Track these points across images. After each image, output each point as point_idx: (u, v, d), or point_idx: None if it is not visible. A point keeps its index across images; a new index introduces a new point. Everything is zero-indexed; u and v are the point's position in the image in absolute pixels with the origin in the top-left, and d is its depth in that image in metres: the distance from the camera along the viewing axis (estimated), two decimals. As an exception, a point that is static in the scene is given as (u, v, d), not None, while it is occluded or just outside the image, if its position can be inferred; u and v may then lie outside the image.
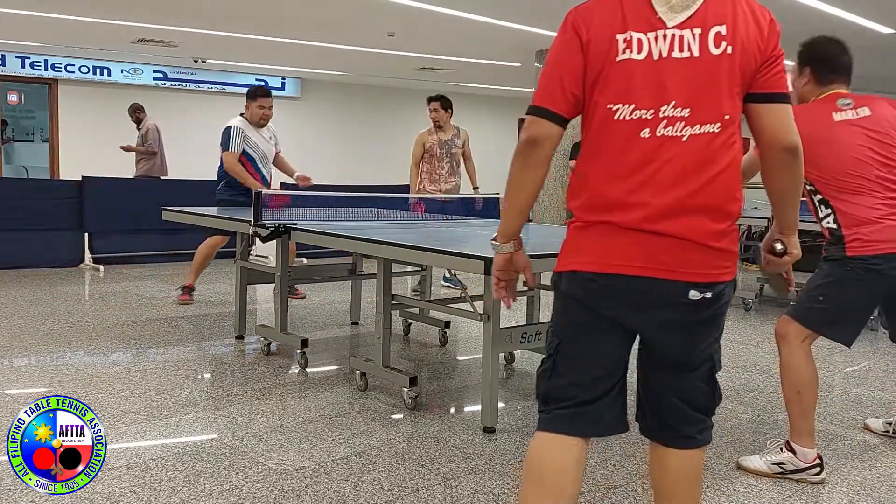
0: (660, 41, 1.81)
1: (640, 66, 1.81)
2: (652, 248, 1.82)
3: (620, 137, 1.83)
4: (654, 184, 1.82)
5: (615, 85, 1.82)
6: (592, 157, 1.91)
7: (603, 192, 1.86)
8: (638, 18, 1.82)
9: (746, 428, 3.67)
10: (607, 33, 1.83)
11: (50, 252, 7.86)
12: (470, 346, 5.12)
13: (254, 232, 4.34)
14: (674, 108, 1.80)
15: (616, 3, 1.85)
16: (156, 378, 4.13)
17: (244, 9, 8.55)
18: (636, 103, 1.81)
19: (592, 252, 1.88)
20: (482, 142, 17.64)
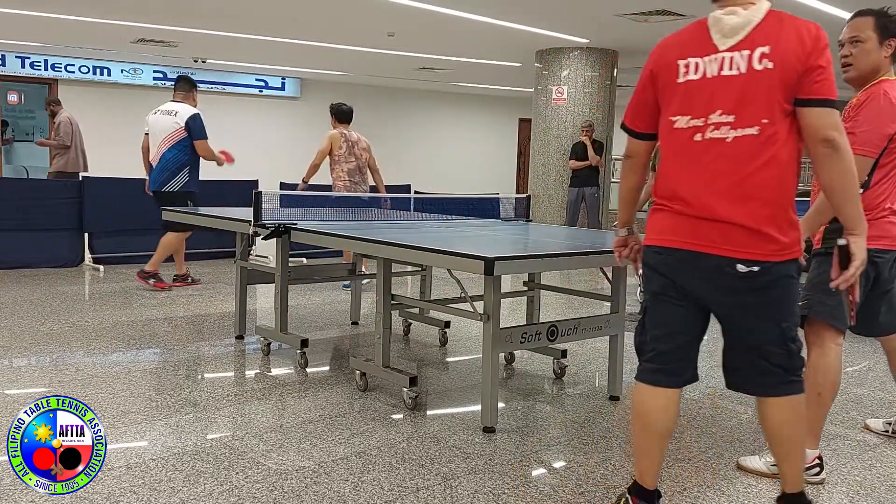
0: (712, 62, 2.27)
1: (696, 85, 2.29)
2: (702, 228, 2.28)
3: (679, 142, 2.33)
4: (706, 177, 2.27)
5: (677, 101, 2.33)
6: (663, 159, 2.40)
7: (668, 184, 2.37)
8: (696, 46, 2.31)
9: (746, 428, 3.67)
10: (672, 62, 2.34)
11: (50, 252, 7.86)
12: (470, 346, 5.12)
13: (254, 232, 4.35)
14: (720, 116, 2.25)
15: (685, 33, 2.37)
16: (156, 378, 4.13)
17: (244, 9, 8.55)
18: (691, 114, 2.30)
19: (658, 231, 2.39)
20: (482, 142, 17.74)
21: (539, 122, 10.74)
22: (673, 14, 7.88)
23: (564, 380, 4.38)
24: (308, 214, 5.07)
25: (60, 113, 9.71)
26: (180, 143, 6.43)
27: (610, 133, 10.70)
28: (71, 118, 9.65)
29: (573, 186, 10.11)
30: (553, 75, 10.50)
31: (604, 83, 10.45)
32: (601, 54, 10.37)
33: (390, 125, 16.43)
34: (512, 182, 18.12)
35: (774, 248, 2.24)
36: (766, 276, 2.26)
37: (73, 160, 9.50)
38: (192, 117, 6.44)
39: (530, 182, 11.00)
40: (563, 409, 3.92)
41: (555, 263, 3.86)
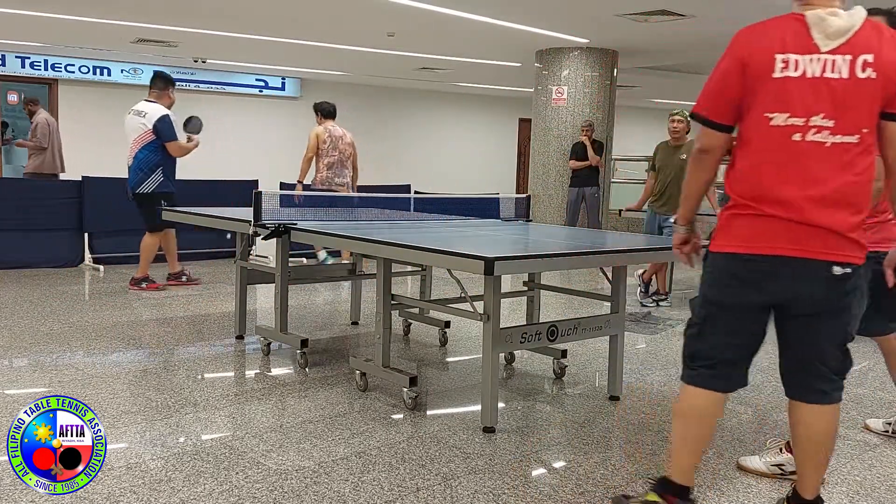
0: (814, 62, 2.21)
1: (796, 83, 2.22)
2: (799, 232, 2.24)
3: (775, 140, 2.25)
4: (802, 180, 2.23)
5: (772, 97, 2.24)
6: (749, 155, 2.31)
7: (758, 184, 2.27)
8: (796, 43, 2.23)
9: (747, 428, 3.67)
10: (767, 54, 2.24)
11: (50, 252, 7.86)
12: (470, 346, 5.12)
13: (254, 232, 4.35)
14: (822, 119, 2.21)
15: (779, 27, 2.27)
16: (156, 378, 4.13)
17: (244, 9, 8.55)
18: (790, 112, 2.22)
19: (746, 237, 2.30)
20: (482, 142, 17.73)
21: (539, 122, 10.73)
22: (673, 14, 7.88)
23: (564, 380, 4.38)
24: (308, 214, 5.07)
25: (38, 113, 9.62)
26: (150, 145, 6.35)
27: (610, 133, 10.70)
28: (48, 119, 9.55)
29: (573, 186, 10.10)
30: (553, 75, 10.49)
31: (604, 83, 10.44)
32: (601, 54, 10.36)
33: (390, 125, 16.42)
34: (512, 182, 18.11)
35: (861, 253, 2.30)
36: (853, 279, 2.31)
37: (49, 161, 9.41)
38: (159, 119, 6.33)
39: (530, 182, 11.00)
40: (563, 409, 3.92)
41: (555, 263, 3.86)
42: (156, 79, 6.67)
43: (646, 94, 16.17)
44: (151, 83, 6.67)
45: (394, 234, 3.94)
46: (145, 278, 6.67)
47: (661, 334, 5.72)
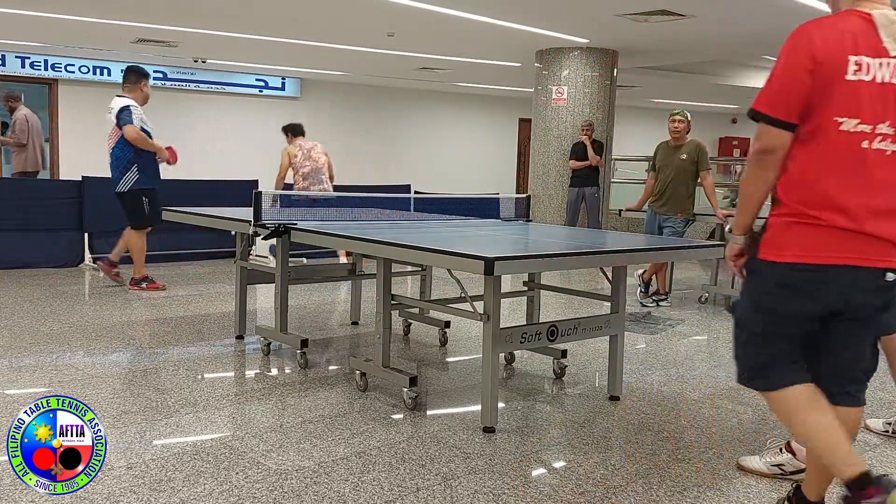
0: (883, 67, 2.14)
1: (867, 87, 2.14)
2: (856, 242, 2.18)
3: (843, 146, 2.17)
4: (867, 189, 2.17)
5: (843, 100, 2.15)
6: (813, 160, 2.21)
7: (823, 192, 2.19)
8: (866, 43, 2.14)
9: (746, 428, 3.67)
10: (840, 54, 2.14)
11: (50, 252, 7.86)
12: (470, 346, 5.12)
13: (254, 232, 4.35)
14: (888, 127, 2.16)
15: (849, 25, 2.17)
16: (156, 378, 4.13)
17: (244, 9, 8.55)
18: (861, 118, 2.15)
19: (810, 247, 2.21)
20: (482, 142, 17.73)
21: (539, 122, 10.74)
22: (673, 14, 7.88)
23: (564, 380, 4.38)
24: (308, 214, 5.07)
25: (18, 110, 9.53)
26: (121, 141, 6.19)
27: (610, 133, 10.70)
28: (28, 115, 9.44)
29: (573, 186, 10.10)
30: (553, 75, 10.49)
31: (604, 83, 10.44)
32: (601, 54, 10.36)
33: (390, 125, 16.42)
34: (512, 182, 18.12)
35: None
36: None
37: (32, 158, 9.37)
38: (120, 108, 6.14)
39: (530, 182, 11.00)
40: (563, 409, 3.92)
41: (555, 263, 3.86)
42: (128, 72, 6.47)
43: (646, 94, 16.17)
44: (124, 78, 6.49)
45: (394, 234, 3.94)
46: (144, 278, 6.63)
47: (661, 334, 5.72)
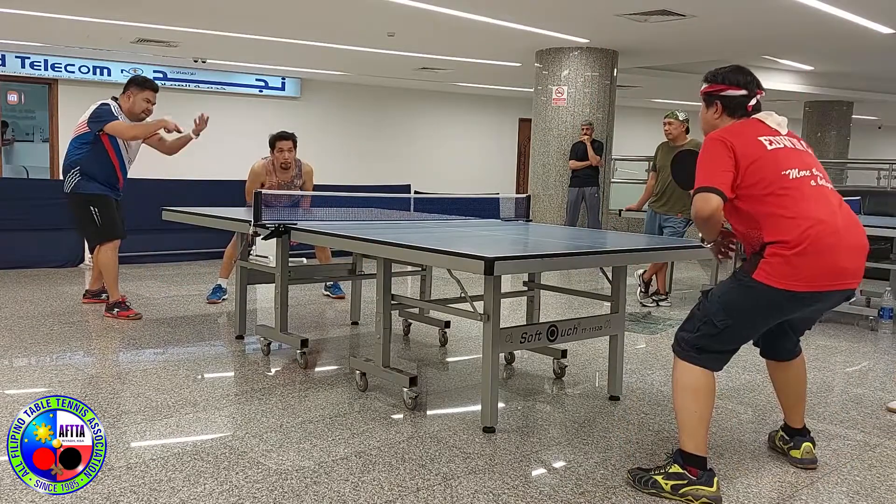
0: (784, 139, 2.84)
1: (784, 151, 2.81)
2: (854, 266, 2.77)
3: (799, 187, 2.73)
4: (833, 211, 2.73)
5: (779, 161, 2.76)
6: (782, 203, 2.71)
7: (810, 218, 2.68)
8: (764, 131, 2.85)
9: (746, 428, 3.67)
10: (751, 138, 2.80)
11: (50, 252, 7.86)
12: (470, 346, 5.12)
13: (253, 232, 4.35)
14: (816, 171, 2.81)
15: (742, 126, 2.87)
16: (156, 378, 4.13)
17: (244, 9, 8.55)
18: (798, 167, 2.77)
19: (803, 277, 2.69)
20: (482, 142, 17.73)
21: (539, 122, 10.74)
22: (673, 14, 7.88)
23: (564, 380, 4.38)
24: (308, 214, 5.07)
25: None
26: (76, 139, 5.57)
27: (610, 133, 10.70)
28: None
29: (573, 186, 10.10)
30: (553, 75, 10.49)
31: (604, 83, 10.44)
32: (601, 54, 10.36)
33: (390, 125, 16.42)
34: (512, 182, 18.12)
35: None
36: None
37: None
38: (98, 106, 5.53)
39: (530, 182, 11.00)
40: (563, 409, 3.92)
41: (555, 263, 3.86)
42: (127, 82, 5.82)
43: (646, 94, 16.17)
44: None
45: (394, 234, 3.94)
46: (118, 303, 5.60)
47: (661, 334, 5.72)
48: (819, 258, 2.67)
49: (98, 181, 5.51)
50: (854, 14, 7.65)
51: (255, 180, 6.10)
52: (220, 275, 6.37)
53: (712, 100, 2.96)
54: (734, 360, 4.37)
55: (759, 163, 2.74)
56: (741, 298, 2.81)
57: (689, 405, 2.83)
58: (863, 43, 9.21)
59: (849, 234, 2.73)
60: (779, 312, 2.86)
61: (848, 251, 2.73)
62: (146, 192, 8.66)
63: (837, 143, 16.16)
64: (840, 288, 2.77)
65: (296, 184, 6.25)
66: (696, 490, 2.74)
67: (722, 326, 2.82)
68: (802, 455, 3.12)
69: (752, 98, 2.92)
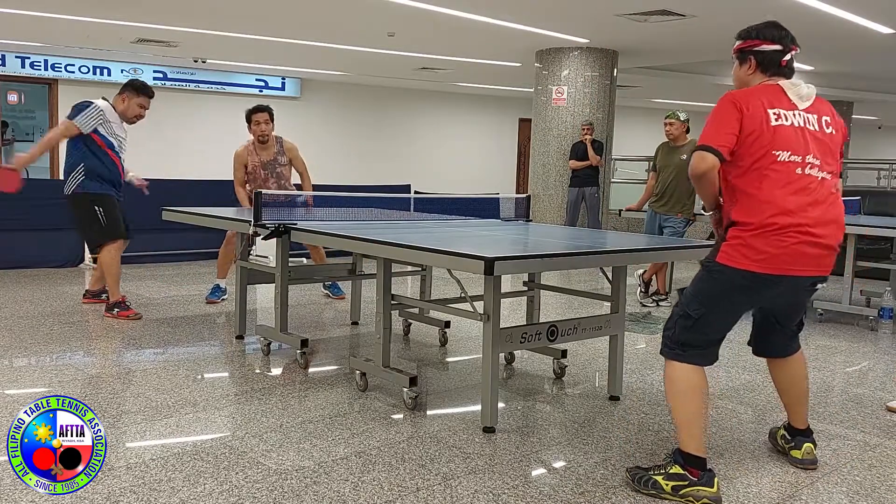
0: (796, 116, 2.79)
1: (790, 130, 2.76)
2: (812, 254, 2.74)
3: (784, 172, 2.74)
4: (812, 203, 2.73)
5: (776, 139, 2.73)
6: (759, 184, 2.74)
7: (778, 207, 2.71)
8: (780, 102, 2.80)
9: (746, 428, 3.67)
10: (761, 109, 2.76)
11: (50, 252, 7.86)
12: (470, 346, 5.12)
13: (254, 232, 4.35)
14: (813, 158, 2.77)
15: (761, 92, 2.82)
16: (156, 378, 4.13)
17: (244, 9, 8.55)
18: (791, 151, 2.75)
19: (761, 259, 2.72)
20: (482, 142, 17.74)
21: (539, 122, 10.74)
22: (673, 14, 7.88)
23: (564, 380, 4.38)
24: (308, 214, 5.07)
25: None
26: (71, 141, 5.63)
27: (610, 133, 10.70)
28: None
29: (573, 186, 10.10)
30: (553, 75, 10.50)
31: (604, 83, 10.45)
32: (601, 54, 10.37)
33: (390, 125, 16.42)
34: (512, 182, 18.12)
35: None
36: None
37: None
38: (85, 102, 5.64)
39: (530, 182, 11.00)
40: (563, 409, 3.92)
41: (555, 263, 3.86)
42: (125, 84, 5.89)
43: (646, 94, 16.17)
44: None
45: (394, 234, 3.94)
46: (118, 303, 5.61)
47: (661, 334, 5.71)
48: (778, 242, 2.70)
49: (102, 180, 5.57)
50: (854, 14, 7.65)
51: (239, 163, 6.16)
52: (218, 276, 6.36)
53: (745, 56, 2.93)
54: (734, 361, 4.37)
55: (755, 136, 2.73)
56: (709, 285, 2.87)
57: (682, 404, 2.85)
58: (863, 43, 9.21)
59: (819, 227, 2.73)
60: (745, 296, 2.84)
61: (813, 243, 2.72)
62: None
63: (837, 142, 16.14)
64: (800, 274, 2.76)
65: (279, 161, 6.17)
66: (697, 491, 2.74)
67: (696, 316, 2.86)
68: (803, 455, 3.12)
69: (786, 53, 2.88)
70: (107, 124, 5.57)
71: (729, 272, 2.78)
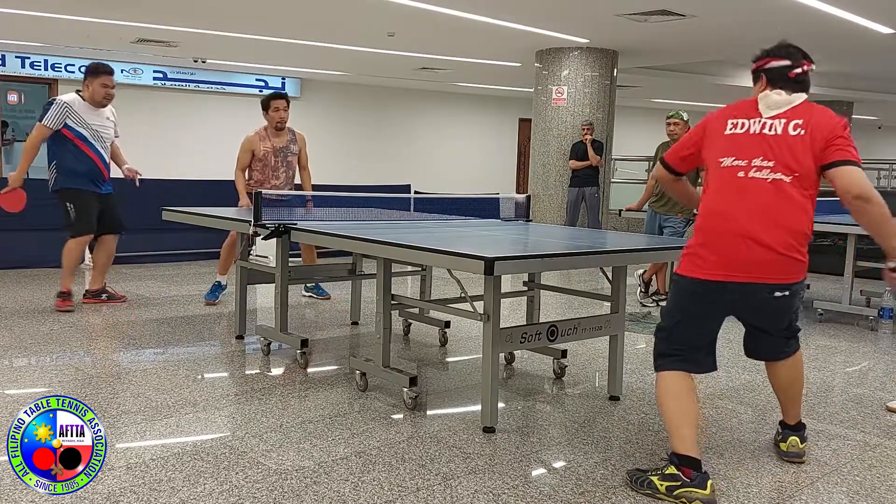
0: (755, 124, 2.86)
1: (742, 136, 2.86)
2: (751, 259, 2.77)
3: (726, 177, 2.84)
4: (754, 207, 2.77)
5: (724, 147, 2.87)
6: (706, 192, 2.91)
7: (715, 211, 2.83)
8: (746, 112, 2.91)
9: (746, 428, 3.67)
10: (722, 122, 2.92)
11: (50, 252, 7.83)
12: (470, 346, 5.12)
13: (253, 232, 4.35)
14: (762, 161, 2.79)
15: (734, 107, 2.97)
16: (156, 378, 4.13)
17: (244, 9, 8.55)
18: (735, 156, 2.84)
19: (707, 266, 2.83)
20: (482, 142, 17.74)
21: (539, 122, 10.74)
22: (673, 14, 7.88)
23: (564, 380, 4.38)
24: (308, 214, 5.07)
25: None
26: (48, 140, 5.70)
27: (610, 133, 10.70)
28: None
29: (573, 186, 10.10)
30: (553, 75, 10.50)
31: (604, 83, 10.45)
32: (601, 54, 10.37)
33: (390, 125, 16.42)
34: (512, 182, 18.12)
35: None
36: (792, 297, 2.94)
37: None
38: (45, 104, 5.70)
39: (530, 182, 11.00)
40: (563, 409, 3.92)
41: (555, 263, 3.86)
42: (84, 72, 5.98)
43: (646, 94, 16.17)
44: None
45: (394, 234, 3.94)
46: (61, 293, 5.73)
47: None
48: (716, 249, 2.80)
49: (77, 174, 5.66)
50: (854, 14, 7.66)
51: (247, 148, 6.05)
52: (219, 272, 6.33)
53: (758, 75, 3.01)
54: (734, 361, 4.39)
55: (709, 147, 2.93)
56: (676, 296, 3.00)
57: (667, 408, 2.90)
58: (863, 43, 9.21)
59: (761, 231, 2.74)
60: (704, 304, 2.90)
61: (747, 245, 2.76)
62: (146, 192, 8.65)
63: (837, 142, 16.14)
64: (747, 280, 2.79)
65: (291, 149, 6.17)
66: (690, 492, 2.74)
67: (669, 325, 2.98)
68: (787, 448, 3.20)
69: (796, 67, 2.93)
70: (75, 116, 5.64)
71: (684, 282, 2.92)
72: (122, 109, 11.36)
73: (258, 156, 6.05)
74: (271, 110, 6.15)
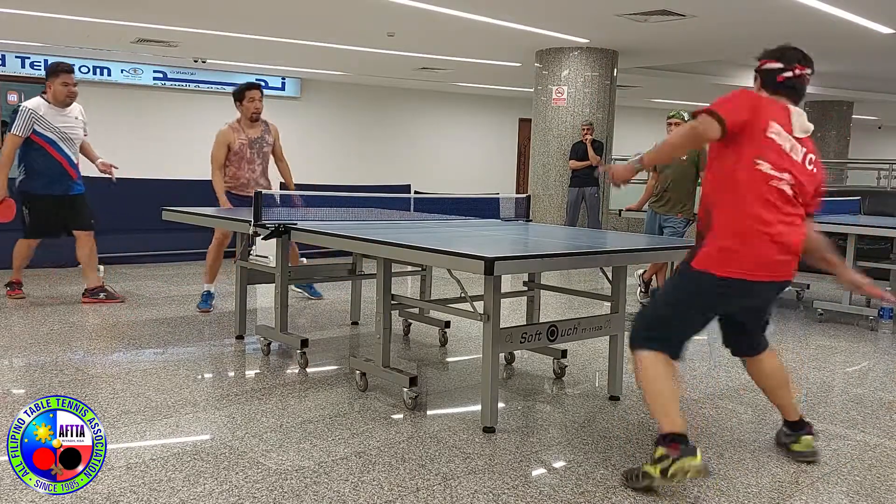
0: (788, 141, 2.87)
1: (779, 147, 2.84)
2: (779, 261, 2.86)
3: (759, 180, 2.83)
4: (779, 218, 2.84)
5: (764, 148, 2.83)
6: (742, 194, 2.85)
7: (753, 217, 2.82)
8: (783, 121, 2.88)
9: (746, 428, 3.67)
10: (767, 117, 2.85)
11: (50, 252, 7.84)
12: (470, 346, 5.12)
13: (253, 232, 4.35)
14: (789, 177, 2.85)
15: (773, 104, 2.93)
16: (156, 378, 4.13)
17: (244, 9, 8.55)
18: (772, 164, 2.83)
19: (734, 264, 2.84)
20: (482, 142, 17.74)
21: (539, 122, 10.74)
22: (673, 14, 7.88)
23: (564, 380, 4.38)
24: (308, 214, 5.06)
25: None
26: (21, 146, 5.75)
27: (610, 133, 10.70)
28: None
29: (573, 186, 10.11)
30: (553, 75, 10.50)
31: (604, 83, 10.45)
32: (601, 54, 10.37)
33: (390, 125, 16.42)
34: (512, 182, 18.12)
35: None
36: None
37: None
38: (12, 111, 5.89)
39: (530, 182, 11.00)
40: (563, 409, 3.92)
41: (555, 263, 3.86)
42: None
43: (646, 94, 16.17)
44: None
45: (394, 234, 3.94)
46: (11, 283, 6.16)
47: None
48: (753, 250, 2.82)
49: (43, 177, 5.78)
50: (854, 14, 7.66)
51: (222, 142, 5.80)
52: (206, 280, 6.11)
53: (755, 76, 3.07)
54: (734, 360, 4.38)
55: (750, 135, 2.83)
56: (686, 288, 2.98)
57: (654, 389, 2.91)
58: (863, 43, 9.21)
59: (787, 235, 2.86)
60: (720, 301, 2.96)
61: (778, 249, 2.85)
62: (146, 192, 8.68)
63: (837, 143, 16.17)
64: (767, 279, 2.87)
65: (266, 140, 6.00)
66: (682, 465, 2.73)
67: (668, 314, 2.99)
68: (802, 448, 3.20)
69: (787, 70, 2.96)
70: (41, 120, 5.69)
71: (706, 277, 2.88)
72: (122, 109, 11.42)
73: (234, 149, 5.83)
74: (246, 100, 5.91)
